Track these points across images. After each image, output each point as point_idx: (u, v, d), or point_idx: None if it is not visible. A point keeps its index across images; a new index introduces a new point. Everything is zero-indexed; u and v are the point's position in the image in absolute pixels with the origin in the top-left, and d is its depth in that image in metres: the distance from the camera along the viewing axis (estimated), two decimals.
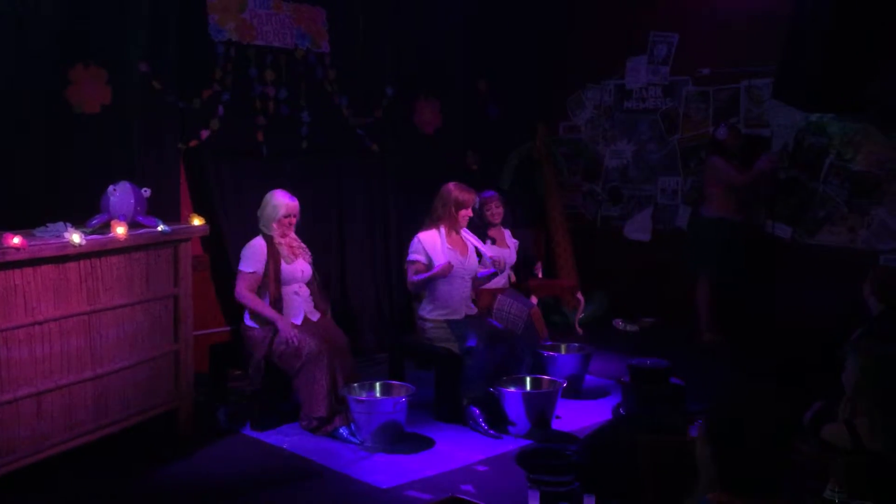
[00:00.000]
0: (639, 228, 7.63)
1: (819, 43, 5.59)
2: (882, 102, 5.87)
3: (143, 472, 4.20)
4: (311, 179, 6.28)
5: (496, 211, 5.99)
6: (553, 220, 7.62)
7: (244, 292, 4.77)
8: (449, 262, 4.93)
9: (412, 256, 5.11)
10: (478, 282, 5.29)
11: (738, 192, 6.47)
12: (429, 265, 5.02)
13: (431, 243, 5.08)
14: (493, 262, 5.17)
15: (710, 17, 7.02)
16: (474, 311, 5.23)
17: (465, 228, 5.27)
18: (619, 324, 7.35)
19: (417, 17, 6.90)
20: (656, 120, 7.45)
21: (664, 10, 7.30)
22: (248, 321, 4.81)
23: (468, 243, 5.25)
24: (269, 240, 4.83)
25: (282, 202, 4.85)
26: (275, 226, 4.83)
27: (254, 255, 4.78)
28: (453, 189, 5.19)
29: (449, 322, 5.02)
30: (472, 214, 5.27)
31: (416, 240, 5.14)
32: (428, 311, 5.09)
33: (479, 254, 5.27)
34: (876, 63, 5.65)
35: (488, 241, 5.80)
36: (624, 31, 7.48)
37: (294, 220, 4.90)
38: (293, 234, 4.95)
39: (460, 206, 5.14)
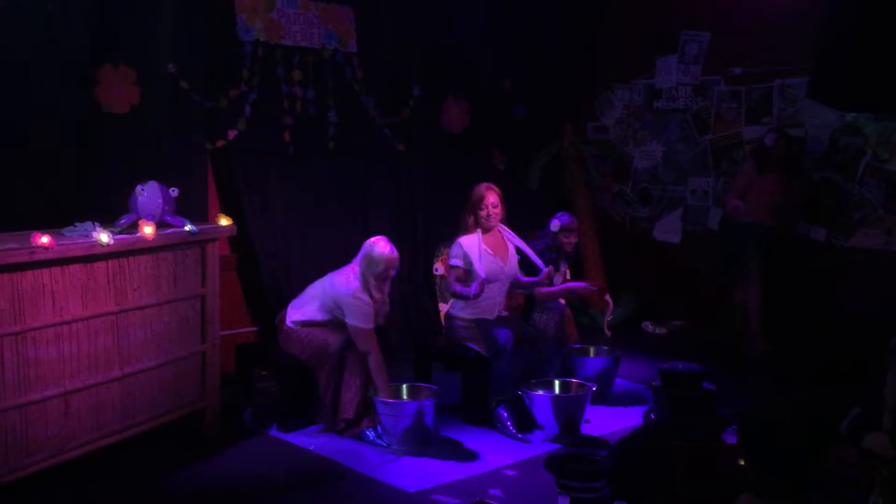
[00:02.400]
0: (668, 230, 7.54)
1: (855, 41, 5.47)
2: None
3: (169, 472, 4.19)
4: (338, 179, 6.27)
5: (569, 241, 5.58)
6: (581, 222, 7.52)
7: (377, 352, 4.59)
8: (479, 287, 4.76)
9: (452, 261, 4.96)
10: (520, 285, 5.18)
11: (772, 196, 6.19)
12: (469, 270, 4.91)
13: (469, 247, 4.93)
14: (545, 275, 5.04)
15: (741, 15, 6.91)
16: (506, 312, 5.15)
17: (507, 230, 5.15)
18: (647, 326, 7.27)
19: (445, 16, 6.86)
20: (687, 120, 7.35)
21: (695, 8, 7.20)
22: (290, 323, 4.77)
23: (509, 245, 5.13)
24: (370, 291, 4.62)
25: (384, 256, 4.59)
26: (373, 281, 4.59)
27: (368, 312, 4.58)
28: (475, 188, 5.09)
29: (478, 322, 4.96)
30: (496, 212, 5.08)
31: (456, 244, 4.97)
32: (459, 309, 5.02)
33: (519, 252, 5.14)
34: None
35: (559, 274, 5.52)
36: (654, 30, 7.39)
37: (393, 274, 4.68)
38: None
39: (477, 203, 5.01)
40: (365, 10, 6.33)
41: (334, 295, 4.65)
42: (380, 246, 4.62)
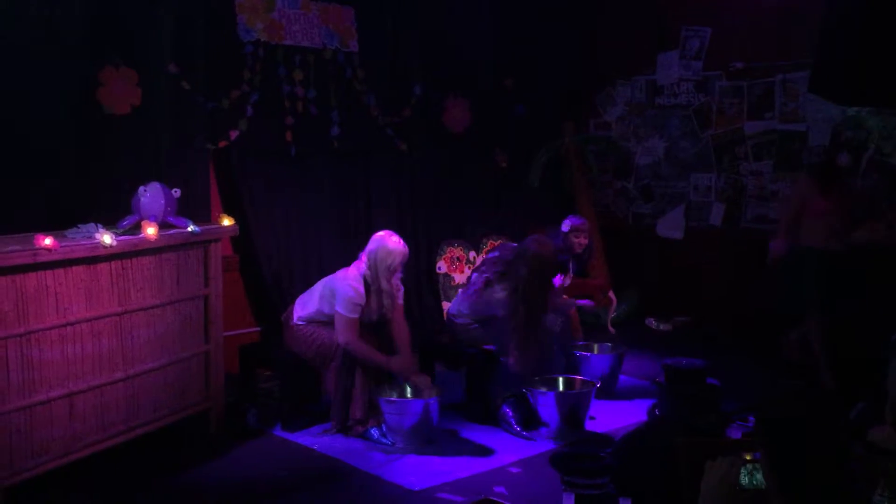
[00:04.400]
0: (671, 226, 7.53)
1: (856, 34, 5.46)
2: None
3: (174, 473, 4.19)
4: (340, 179, 6.27)
5: (580, 241, 5.63)
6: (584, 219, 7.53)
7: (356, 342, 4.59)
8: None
9: None
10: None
11: (827, 217, 5.40)
12: None
13: None
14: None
15: (742, 10, 6.91)
16: None
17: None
18: (651, 323, 7.26)
19: (445, 15, 6.86)
20: (689, 116, 7.34)
21: (696, 4, 7.20)
22: (297, 319, 4.77)
23: None
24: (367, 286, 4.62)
25: (398, 248, 4.63)
26: (385, 272, 4.61)
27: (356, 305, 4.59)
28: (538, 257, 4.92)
29: (482, 321, 4.95)
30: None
31: None
32: (460, 310, 5.04)
33: None
34: None
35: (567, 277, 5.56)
36: (655, 25, 7.38)
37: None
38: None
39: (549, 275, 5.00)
40: (365, 10, 6.32)
41: (332, 286, 4.67)
42: (393, 239, 4.65)
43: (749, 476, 2.09)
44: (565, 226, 5.64)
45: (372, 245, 4.65)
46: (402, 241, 4.68)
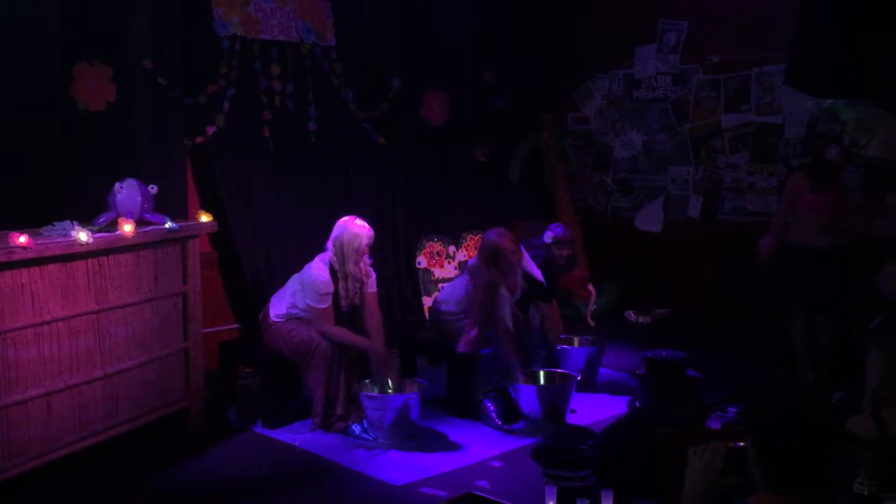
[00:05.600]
0: (650, 219, 7.57)
1: (831, 28, 5.51)
2: None
3: (154, 471, 4.15)
4: (319, 174, 6.25)
5: (562, 253, 5.45)
6: (562, 212, 7.55)
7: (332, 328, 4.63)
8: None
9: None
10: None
11: (817, 213, 5.35)
12: None
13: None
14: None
15: (718, 3, 6.95)
16: None
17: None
18: (630, 316, 7.30)
19: (424, 8, 6.83)
20: (666, 109, 7.38)
21: None
22: (274, 317, 4.76)
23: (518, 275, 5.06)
24: (334, 273, 4.65)
25: (364, 230, 4.66)
26: (353, 255, 4.63)
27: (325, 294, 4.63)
28: (487, 241, 5.00)
29: (468, 314, 4.95)
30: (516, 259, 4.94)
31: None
32: (445, 302, 5.04)
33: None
34: (890, 47, 5.56)
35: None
36: (632, 19, 7.41)
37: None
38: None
39: (499, 257, 4.92)
40: (342, 3, 6.29)
41: (301, 280, 4.71)
42: (357, 222, 4.69)
43: (732, 464, 2.10)
44: (547, 237, 5.40)
45: (336, 231, 4.67)
46: (366, 224, 4.71)
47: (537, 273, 5.16)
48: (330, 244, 4.67)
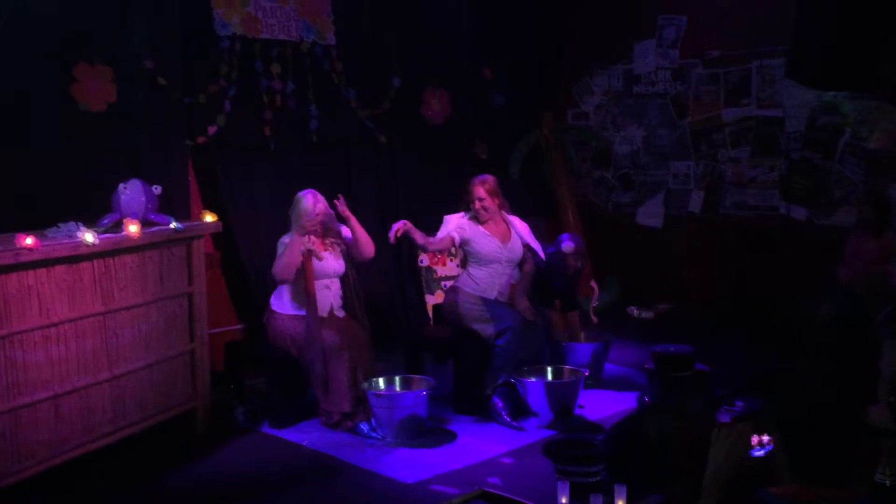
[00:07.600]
0: (651, 214, 7.56)
1: (831, 20, 5.50)
2: None
3: (162, 473, 4.13)
4: (320, 172, 6.21)
5: (575, 265, 5.50)
6: (563, 208, 7.55)
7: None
8: (427, 244, 5.08)
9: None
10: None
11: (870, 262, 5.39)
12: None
13: (449, 219, 5.20)
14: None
15: None
16: (506, 297, 5.10)
17: (519, 222, 5.17)
18: (633, 311, 7.29)
19: (423, 6, 6.82)
20: (666, 104, 7.37)
21: None
22: (275, 307, 4.74)
23: (513, 232, 5.10)
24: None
25: (305, 207, 4.72)
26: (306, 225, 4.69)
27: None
28: (468, 183, 5.20)
29: (484, 300, 4.94)
30: (484, 205, 5.05)
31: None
32: (464, 283, 5.03)
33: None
34: (890, 39, 5.56)
35: None
36: (631, 14, 7.40)
37: (318, 222, 4.76)
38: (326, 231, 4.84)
39: (469, 199, 5.13)
40: (342, 2, 6.27)
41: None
42: (301, 192, 4.79)
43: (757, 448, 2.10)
44: (567, 247, 5.42)
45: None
46: (310, 189, 4.79)
47: (537, 246, 5.14)
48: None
